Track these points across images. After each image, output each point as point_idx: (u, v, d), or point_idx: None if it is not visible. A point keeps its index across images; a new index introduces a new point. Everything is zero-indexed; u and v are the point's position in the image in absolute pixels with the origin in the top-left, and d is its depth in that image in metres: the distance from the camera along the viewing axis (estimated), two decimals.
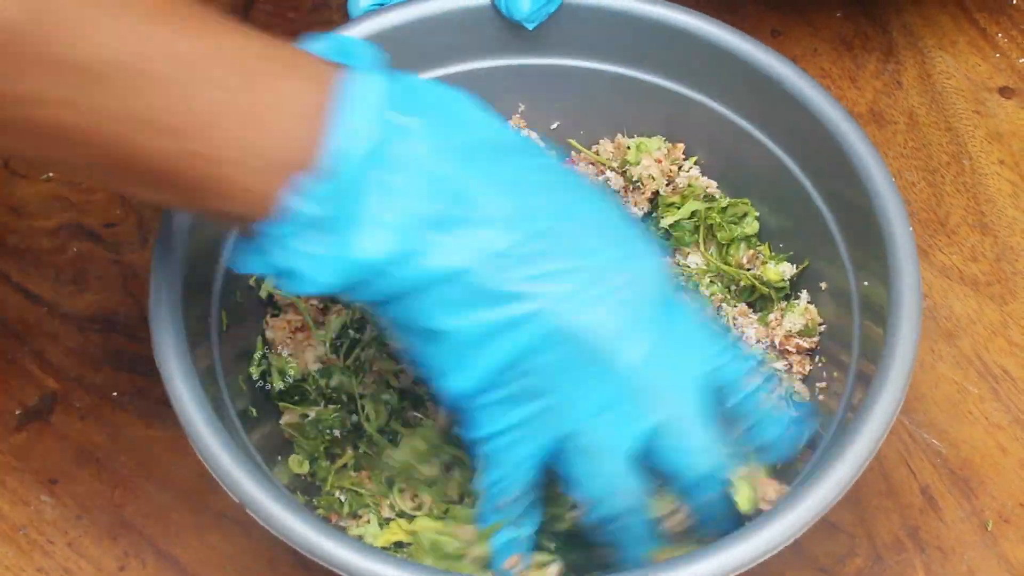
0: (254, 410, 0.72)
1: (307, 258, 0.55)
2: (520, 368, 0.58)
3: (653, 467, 0.61)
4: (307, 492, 0.72)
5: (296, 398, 0.74)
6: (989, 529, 0.76)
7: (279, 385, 0.74)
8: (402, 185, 0.55)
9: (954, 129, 0.90)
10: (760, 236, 0.79)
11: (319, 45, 0.58)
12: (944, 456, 0.78)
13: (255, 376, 0.74)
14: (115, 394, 0.80)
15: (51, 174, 0.88)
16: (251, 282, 0.75)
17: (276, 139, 0.53)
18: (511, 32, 0.77)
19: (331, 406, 0.73)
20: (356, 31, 0.75)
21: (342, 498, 0.72)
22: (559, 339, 0.57)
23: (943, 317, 0.83)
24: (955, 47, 0.94)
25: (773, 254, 0.77)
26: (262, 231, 0.55)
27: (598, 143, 0.82)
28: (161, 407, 0.63)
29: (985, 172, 0.89)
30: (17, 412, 0.79)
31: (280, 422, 0.74)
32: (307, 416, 0.73)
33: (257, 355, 0.75)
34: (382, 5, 0.77)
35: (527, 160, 0.59)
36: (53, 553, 0.75)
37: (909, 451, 0.78)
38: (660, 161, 0.79)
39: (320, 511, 0.71)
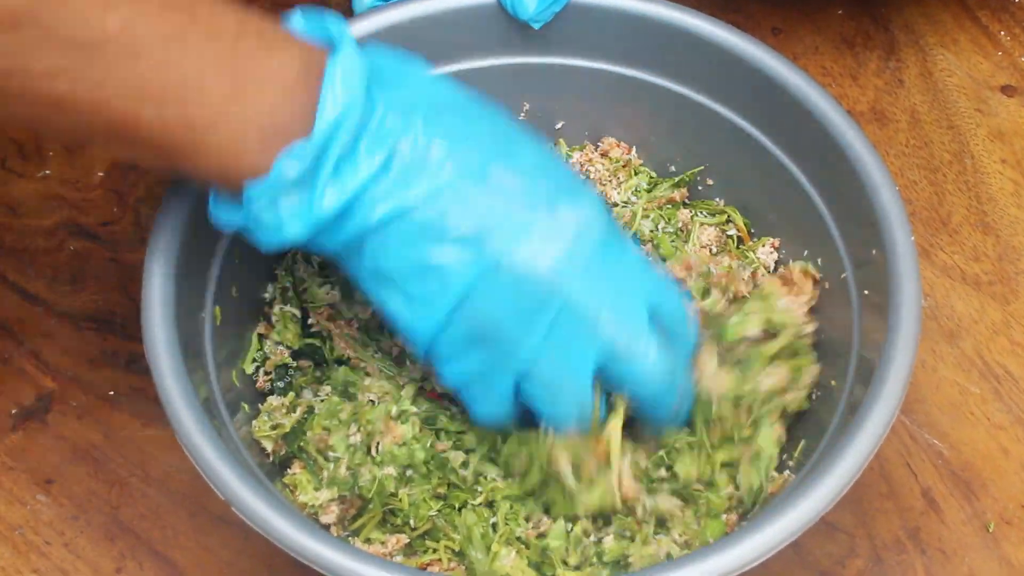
0: (246, 406, 0.71)
1: (281, 211, 0.61)
2: (470, 306, 0.63)
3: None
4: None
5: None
6: (991, 531, 0.75)
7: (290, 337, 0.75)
8: (362, 147, 0.61)
9: (956, 127, 0.90)
10: (759, 235, 0.78)
11: (295, 20, 0.64)
12: (945, 457, 0.78)
13: (248, 371, 0.74)
14: (112, 393, 0.80)
15: (48, 172, 0.87)
16: None
17: (260, 110, 0.59)
18: (516, 31, 0.77)
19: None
20: (360, 27, 0.74)
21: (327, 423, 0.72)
22: (500, 275, 0.62)
23: (945, 317, 0.82)
24: (957, 45, 0.94)
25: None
26: (243, 189, 0.61)
27: (601, 141, 0.82)
28: (158, 407, 0.63)
29: (987, 171, 0.88)
30: (13, 411, 0.79)
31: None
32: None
33: (251, 351, 0.74)
34: (387, 2, 0.76)
35: (467, 113, 0.65)
36: (49, 554, 0.75)
37: (910, 452, 0.78)
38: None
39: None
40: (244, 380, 0.73)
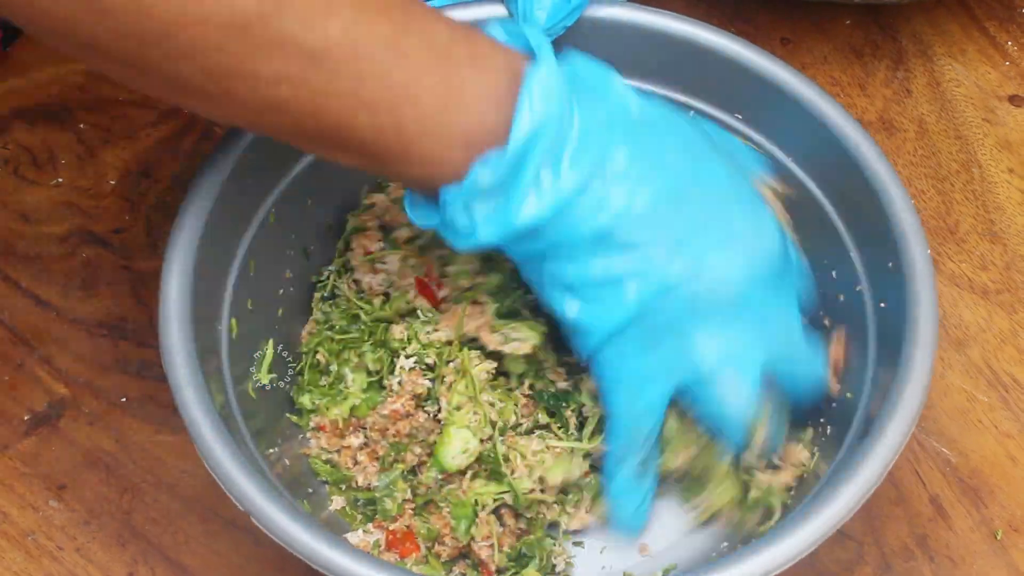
0: (263, 416, 0.72)
1: (476, 216, 0.62)
2: (652, 312, 0.64)
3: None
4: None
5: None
6: (998, 538, 0.76)
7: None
8: (560, 160, 0.61)
9: (963, 137, 0.90)
10: None
11: (496, 30, 0.65)
12: (954, 465, 0.78)
13: (264, 383, 0.74)
14: (124, 400, 0.80)
15: (60, 180, 0.88)
16: None
17: (468, 120, 0.60)
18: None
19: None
20: None
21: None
22: (683, 287, 0.64)
23: (952, 326, 0.83)
24: (965, 55, 0.94)
25: None
26: (441, 193, 0.62)
27: None
28: (170, 413, 0.63)
29: (994, 180, 0.89)
30: (26, 417, 0.79)
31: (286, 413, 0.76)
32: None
33: (266, 361, 0.75)
34: None
35: (662, 129, 0.66)
36: (62, 559, 0.75)
37: (919, 459, 0.78)
38: None
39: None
40: (260, 392, 0.73)
